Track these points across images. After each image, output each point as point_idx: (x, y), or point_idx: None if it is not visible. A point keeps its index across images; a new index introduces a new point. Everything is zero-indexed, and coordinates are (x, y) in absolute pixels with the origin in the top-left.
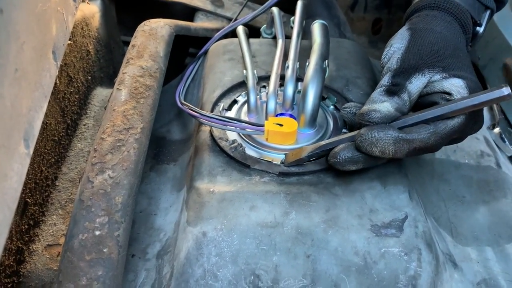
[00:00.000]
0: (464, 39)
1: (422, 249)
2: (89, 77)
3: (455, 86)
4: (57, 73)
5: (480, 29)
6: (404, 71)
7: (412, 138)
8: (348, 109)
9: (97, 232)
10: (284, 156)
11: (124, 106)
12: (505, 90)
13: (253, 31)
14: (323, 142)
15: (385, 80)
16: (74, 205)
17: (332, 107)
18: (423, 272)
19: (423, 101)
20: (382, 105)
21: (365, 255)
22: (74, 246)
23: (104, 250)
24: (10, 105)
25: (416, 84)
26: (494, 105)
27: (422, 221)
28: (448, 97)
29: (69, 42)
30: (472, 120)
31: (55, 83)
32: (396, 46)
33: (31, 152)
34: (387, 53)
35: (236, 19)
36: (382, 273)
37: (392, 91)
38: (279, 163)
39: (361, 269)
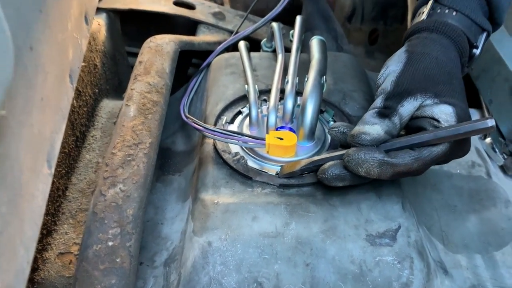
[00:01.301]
0: (459, 63)
1: (414, 257)
2: (96, 90)
3: (444, 113)
4: (73, 95)
5: (477, 51)
6: (397, 95)
7: (396, 163)
8: (336, 129)
9: (110, 243)
10: (277, 168)
11: (133, 121)
12: (489, 122)
13: (253, 43)
14: (315, 158)
15: (378, 102)
16: (88, 217)
17: (330, 120)
18: (415, 279)
19: (413, 124)
20: (372, 127)
21: (361, 264)
22: (89, 256)
23: (117, 260)
24: (37, 132)
25: (407, 108)
26: (486, 115)
27: (414, 231)
28: (436, 123)
29: (88, 63)
30: (457, 147)
31: None
32: (392, 68)
33: (53, 172)
34: (383, 73)
35: (237, 32)
36: (376, 280)
37: (384, 113)
38: (274, 174)
39: (357, 276)
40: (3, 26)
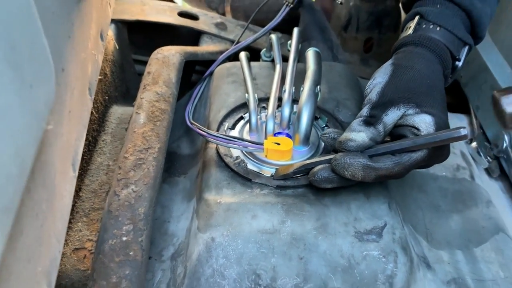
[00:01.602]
0: (442, 76)
1: (398, 252)
2: (107, 97)
3: (424, 122)
4: (91, 106)
5: (459, 64)
6: (382, 104)
7: (378, 167)
8: (327, 135)
9: (124, 238)
10: (268, 169)
11: (143, 128)
12: (462, 131)
13: (254, 52)
14: (306, 162)
15: (364, 111)
16: (103, 215)
17: (324, 126)
18: (398, 272)
19: (396, 132)
20: (358, 135)
21: (350, 258)
22: (105, 249)
23: (130, 253)
24: (66, 140)
25: (391, 116)
26: (474, 121)
27: (399, 229)
28: (416, 131)
29: (100, 72)
30: (436, 153)
31: None
32: (378, 79)
33: (77, 174)
34: (370, 84)
35: (238, 42)
36: (363, 273)
37: (369, 122)
38: (269, 175)
39: (346, 269)
40: (48, 58)
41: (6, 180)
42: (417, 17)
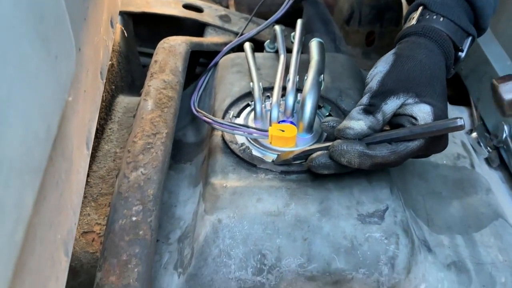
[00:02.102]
0: (444, 66)
1: (400, 234)
2: (113, 87)
3: (423, 112)
4: (103, 89)
5: (462, 54)
6: (382, 93)
7: (374, 155)
8: (326, 123)
9: (134, 218)
10: (274, 155)
11: (151, 114)
12: (459, 121)
13: (257, 44)
14: (306, 148)
15: (364, 100)
16: (113, 196)
17: (327, 115)
18: (400, 253)
19: (394, 120)
20: (357, 123)
21: (352, 239)
22: (115, 229)
23: (140, 233)
24: (81, 118)
25: (391, 105)
26: (474, 112)
27: (400, 212)
28: (414, 121)
29: (110, 62)
30: (433, 143)
31: None
32: (380, 68)
33: (90, 152)
34: (371, 73)
35: (242, 34)
36: (366, 254)
37: (369, 110)
38: (268, 160)
39: (349, 250)
40: (70, 33)
41: (36, 142)
42: (420, 8)
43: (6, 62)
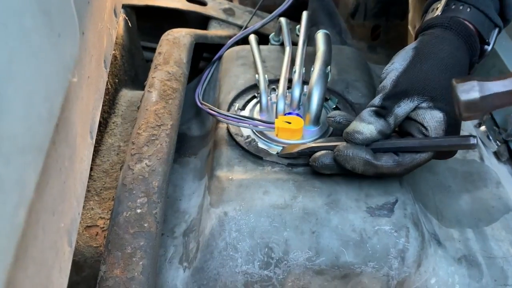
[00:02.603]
0: (467, 64)
1: (410, 227)
2: (117, 80)
3: (435, 120)
4: (106, 78)
5: (488, 48)
6: (395, 95)
7: (379, 165)
8: (332, 118)
9: (139, 210)
10: (280, 148)
11: (155, 106)
12: (471, 140)
13: (262, 37)
14: (312, 144)
15: (376, 100)
16: (118, 188)
17: (334, 107)
18: (410, 247)
19: (404, 124)
20: (367, 127)
21: (361, 232)
22: (120, 221)
23: (145, 225)
24: (85, 105)
25: (404, 108)
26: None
27: (410, 204)
28: (424, 131)
29: (114, 51)
30: (442, 154)
31: None
32: (396, 65)
33: (94, 142)
34: (387, 68)
35: (246, 27)
36: (375, 247)
37: (380, 113)
38: (274, 153)
39: (358, 243)
40: (74, 15)
41: (38, 120)
42: None
43: (7, 33)
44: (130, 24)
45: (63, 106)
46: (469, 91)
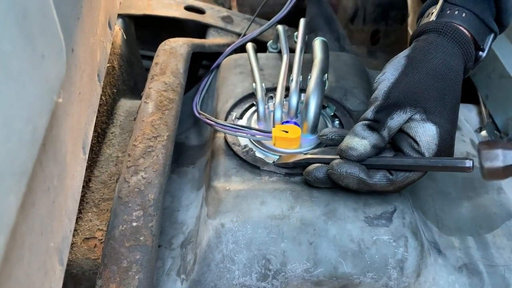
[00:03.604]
0: (461, 72)
1: (409, 236)
2: (115, 90)
3: (427, 135)
4: (100, 92)
5: (483, 54)
6: (387, 107)
7: (373, 184)
8: (325, 136)
9: (134, 224)
10: (277, 157)
11: (151, 117)
12: (467, 163)
13: (260, 45)
14: (308, 156)
15: (369, 114)
16: (114, 201)
17: (332, 115)
18: (409, 256)
19: (397, 137)
20: (361, 142)
21: (359, 242)
22: (115, 235)
23: (141, 238)
24: (76, 121)
25: (397, 120)
26: (483, 110)
27: (409, 213)
28: (416, 146)
29: (108, 65)
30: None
31: None
32: (388, 74)
33: (87, 158)
34: (379, 78)
35: (244, 35)
36: (374, 257)
37: (374, 127)
38: (271, 162)
39: (356, 253)
40: (59, 34)
41: (19, 144)
42: (440, 1)
43: None
44: (128, 33)
45: (50, 125)
46: (493, 159)
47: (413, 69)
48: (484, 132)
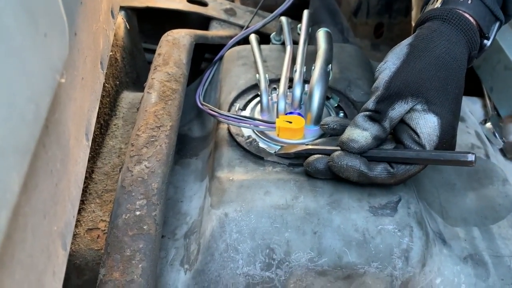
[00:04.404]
0: (465, 60)
1: (414, 226)
2: (117, 82)
3: (428, 126)
4: (103, 80)
5: (488, 42)
6: (389, 97)
7: (373, 177)
8: (326, 126)
9: (138, 213)
10: (279, 147)
11: (154, 107)
12: (469, 157)
13: (263, 37)
14: (309, 147)
15: (370, 104)
16: (117, 190)
17: (336, 106)
18: (414, 246)
19: (398, 128)
20: (362, 134)
21: (364, 232)
22: (119, 224)
23: (144, 227)
24: (79, 106)
25: (398, 111)
26: (488, 102)
27: (414, 203)
28: (416, 138)
29: (111, 55)
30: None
31: None
32: (389, 63)
33: (90, 144)
34: (381, 67)
35: (247, 27)
36: (379, 247)
37: (375, 118)
38: (272, 152)
39: (361, 243)
40: (62, 14)
41: (22, 122)
42: None
43: None
44: (130, 26)
45: (53, 108)
46: None
47: (415, 58)
48: (489, 124)
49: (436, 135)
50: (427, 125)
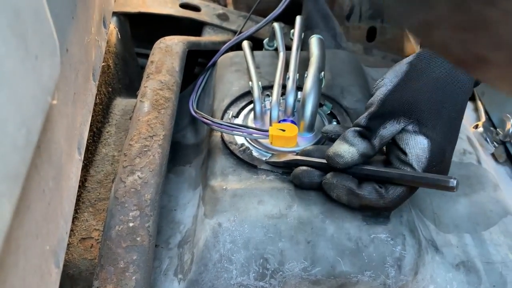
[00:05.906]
0: (469, 85)
1: (406, 235)
2: (110, 89)
3: (418, 148)
4: (96, 91)
5: None
6: (381, 115)
7: (362, 195)
8: (327, 134)
9: (131, 224)
10: (270, 155)
11: (147, 116)
12: (451, 183)
13: (256, 42)
14: (298, 157)
15: (362, 120)
16: (110, 201)
17: (329, 113)
18: (407, 254)
19: (388, 147)
20: (349, 150)
21: (357, 240)
22: (112, 235)
23: (138, 239)
24: (71, 122)
25: (390, 130)
26: (480, 106)
27: (406, 211)
28: (404, 158)
29: (103, 63)
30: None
31: None
32: (387, 80)
33: (82, 159)
34: (378, 83)
35: (240, 32)
36: (372, 256)
37: (365, 134)
38: (263, 160)
39: (354, 252)
40: (53, 34)
41: (13, 148)
42: None
43: None
44: (123, 32)
45: (45, 128)
46: None
47: (412, 77)
48: (480, 129)
49: (425, 157)
50: (416, 146)
